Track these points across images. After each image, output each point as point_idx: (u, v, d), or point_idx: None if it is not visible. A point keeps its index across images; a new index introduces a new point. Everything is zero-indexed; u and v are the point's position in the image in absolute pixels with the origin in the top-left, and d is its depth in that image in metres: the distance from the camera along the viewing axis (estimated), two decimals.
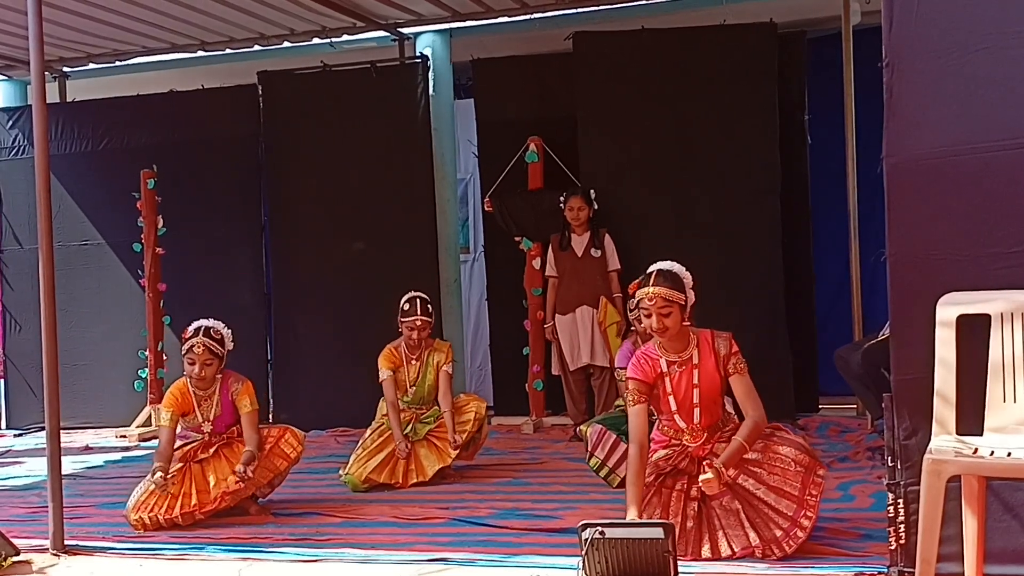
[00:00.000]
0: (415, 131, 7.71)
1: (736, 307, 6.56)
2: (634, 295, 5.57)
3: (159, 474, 4.71)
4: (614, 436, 5.24)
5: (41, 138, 4.45)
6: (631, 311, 5.59)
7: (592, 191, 6.92)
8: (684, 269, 4.10)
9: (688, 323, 4.05)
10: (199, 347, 4.89)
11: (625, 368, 5.20)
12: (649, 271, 4.08)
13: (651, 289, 3.99)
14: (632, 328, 5.78)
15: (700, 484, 3.86)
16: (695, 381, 4.01)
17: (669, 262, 4.11)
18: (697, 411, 4.02)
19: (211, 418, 5.00)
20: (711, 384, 4.02)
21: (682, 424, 4.06)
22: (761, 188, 6.95)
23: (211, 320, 5.04)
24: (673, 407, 4.04)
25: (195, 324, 5.02)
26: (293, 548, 4.33)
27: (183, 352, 4.99)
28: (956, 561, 3.23)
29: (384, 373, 5.65)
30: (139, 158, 8.07)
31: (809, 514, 3.83)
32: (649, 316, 4.00)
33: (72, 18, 7.19)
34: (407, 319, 5.64)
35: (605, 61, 7.29)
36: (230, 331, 5.04)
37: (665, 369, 4.04)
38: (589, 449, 5.28)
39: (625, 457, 5.19)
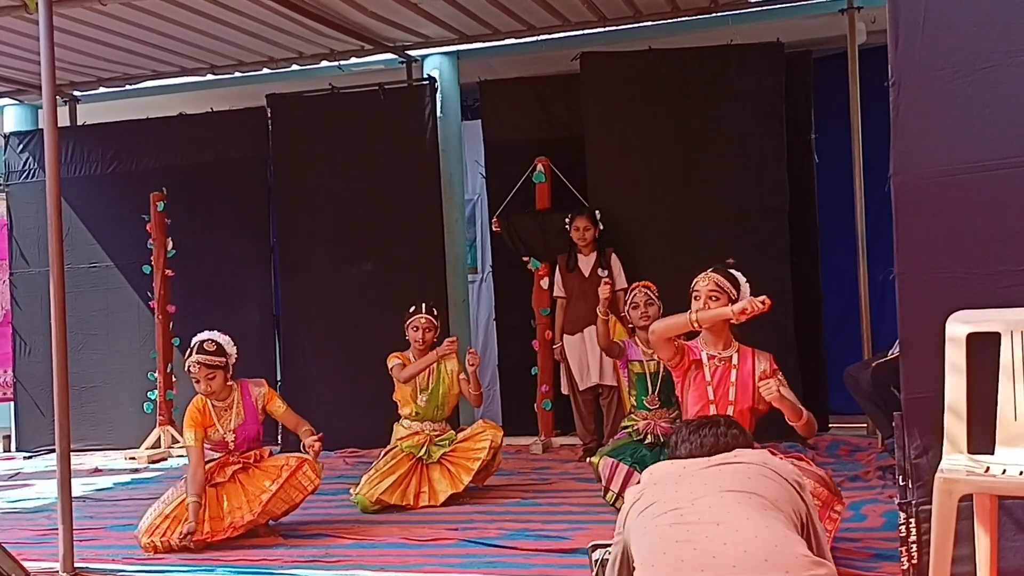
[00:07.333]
0: (423, 152, 7.74)
1: (744, 326, 6.50)
2: (633, 290, 5.66)
3: (194, 502, 4.73)
4: (626, 468, 5.22)
5: (52, 162, 4.47)
6: (626, 303, 5.68)
7: (597, 211, 6.92)
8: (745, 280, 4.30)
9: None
10: (194, 366, 4.94)
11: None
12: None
13: (708, 273, 4.25)
14: (632, 327, 5.79)
15: (759, 387, 4.00)
16: (732, 379, 4.17)
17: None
18: (731, 408, 4.12)
19: (233, 428, 4.99)
20: (745, 389, 4.15)
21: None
22: (769, 207, 6.95)
23: (208, 333, 5.03)
24: (710, 395, 4.15)
25: (194, 339, 5.03)
26: (303, 570, 4.33)
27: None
28: None
29: (392, 362, 5.71)
30: (149, 180, 8.12)
31: None
32: (698, 299, 4.20)
33: (83, 43, 7.24)
34: (412, 318, 5.75)
35: (612, 81, 7.31)
36: (228, 338, 5.04)
37: (705, 360, 4.21)
38: (603, 484, 5.27)
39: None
